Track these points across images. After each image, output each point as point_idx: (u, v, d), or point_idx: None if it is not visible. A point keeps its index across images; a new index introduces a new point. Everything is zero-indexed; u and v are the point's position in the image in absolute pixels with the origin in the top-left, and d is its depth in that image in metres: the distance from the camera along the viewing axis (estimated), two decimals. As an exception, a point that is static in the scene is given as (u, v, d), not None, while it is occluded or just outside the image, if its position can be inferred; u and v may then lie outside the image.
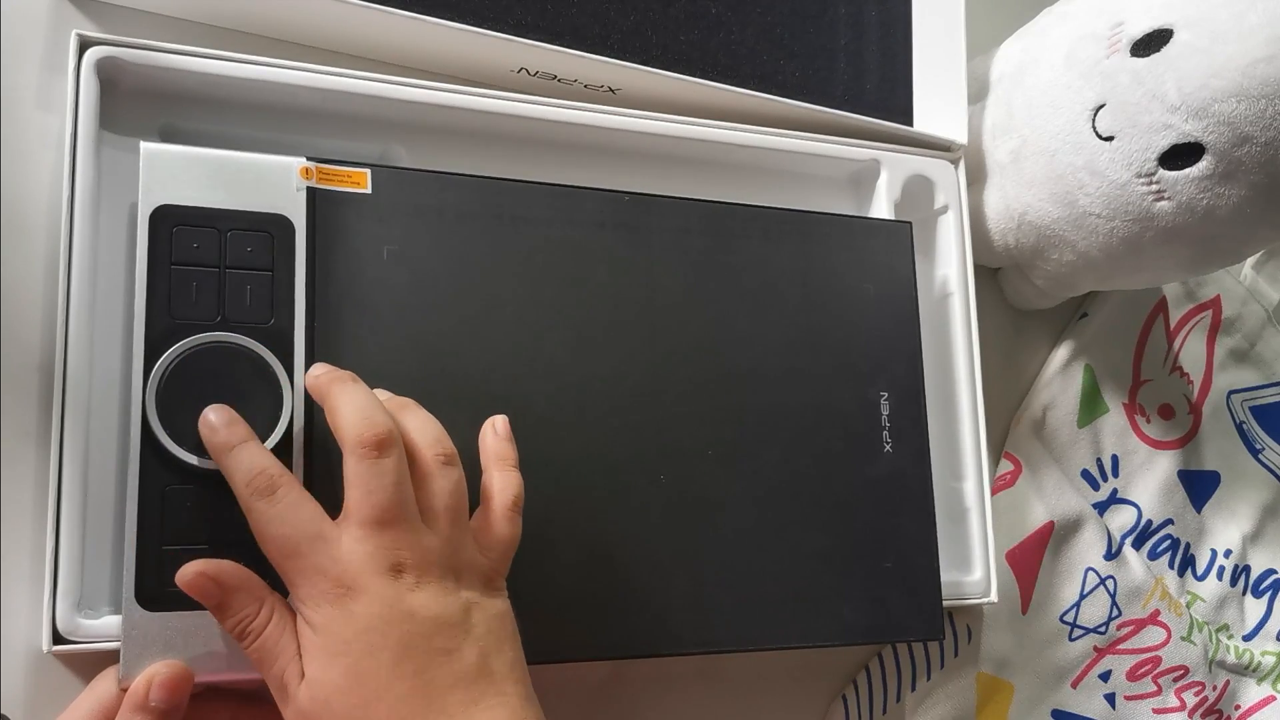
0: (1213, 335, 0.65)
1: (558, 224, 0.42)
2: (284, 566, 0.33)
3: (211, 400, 0.35)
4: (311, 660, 0.32)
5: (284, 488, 0.33)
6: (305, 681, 0.32)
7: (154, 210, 0.36)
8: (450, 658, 0.32)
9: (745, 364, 0.44)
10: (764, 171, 0.50)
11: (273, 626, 0.33)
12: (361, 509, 0.32)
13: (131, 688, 0.33)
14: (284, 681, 0.32)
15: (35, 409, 0.38)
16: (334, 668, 0.31)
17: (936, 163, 0.52)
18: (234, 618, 0.33)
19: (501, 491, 0.36)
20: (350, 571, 0.32)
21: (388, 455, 0.33)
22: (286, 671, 0.32)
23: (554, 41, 0.44)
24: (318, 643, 0.32)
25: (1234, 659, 0.62)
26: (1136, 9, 0.46)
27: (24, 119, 0.39)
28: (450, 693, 0.32)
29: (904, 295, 0.48)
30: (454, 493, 0.34)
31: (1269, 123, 0.42)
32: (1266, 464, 0.66)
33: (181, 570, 0.33)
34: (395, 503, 0.33)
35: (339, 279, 0.38)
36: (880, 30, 0.52)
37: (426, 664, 0.32)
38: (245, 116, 0.41)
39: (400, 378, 0.38)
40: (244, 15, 0.42)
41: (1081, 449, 0.59)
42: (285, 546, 0.32)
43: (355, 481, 0.33)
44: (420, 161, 0.43)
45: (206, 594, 0.33)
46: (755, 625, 0.42)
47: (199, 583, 0.33)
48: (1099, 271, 0.53)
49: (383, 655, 0.31)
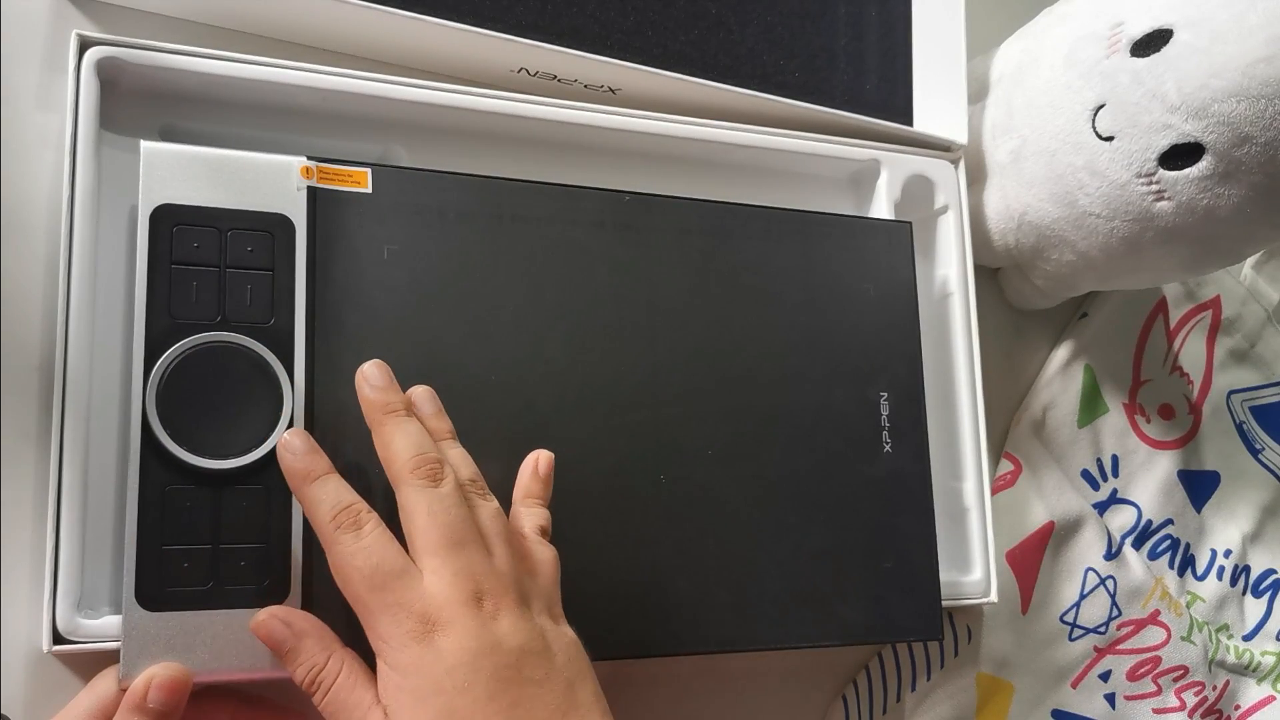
0: (1213, 335, 0.65)
1: (558, 224, 0.42)
2: (367, 602, 0.32)
3: (211, 400, 0.35)
4: (400, 707, 0.31)
5: (370, 523, 0.33)
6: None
7: (154, 209, 0.36)
8: (541, 689, 0.32)
9: (745, 364, 0.44)
10: (764, 171, 0.50)
11: (344, 677, 0.32)
12: (429, 534, 0.32)
13: (130, 688, 0.33)
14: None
15: (35, 409, 0.38)
16: (425, 710, 0.30)
17: (936, 163, 0.52)
18: (304, 665, 0.33)
19: (530, 519, 0.37)
20: (434, 605, 0.31)
21: (444, 483, 0.33)
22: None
23: (554, 41, 0.44)
24: (406, 686, 0.31)
25: (1234, 659, 0.62)
26: (1136, 9, 0.46)
27: (24, 119, 0.39)
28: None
29: (904, 295, 0.48)
30: (498, 518, 0.35)
31: (1269, 123, 0.42)
32: (1266, 464, 0.66)
33: (256, 615, 0.33)
34: (462, 521, 0.33)
35: (339, 279, 0.38)
36: (880, 30, 0.52)
37: (520, 697, 0.31)
38: (245, 116, 0.41)
39: (401, 377, 0.38)
40: (244, 15, 0.42)
41: (1081, 449, 0.59)
42: (371, 581, 0.32)
43: (416, 509, 0.33)
44: (420, 161, 0.43)
45: (278, 638, 0.33)
46: (755, 625, 0.42)
47: (271, 625, 0.33)
48: (1099, 271, 0.53)
49: (477, 690, 0.31)
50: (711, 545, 0.42)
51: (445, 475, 0.34)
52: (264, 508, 0.36)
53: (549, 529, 0.37)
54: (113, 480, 0.37)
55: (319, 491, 0.33)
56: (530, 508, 0.37)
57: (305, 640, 0.33)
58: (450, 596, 0.32)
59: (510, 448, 0.39)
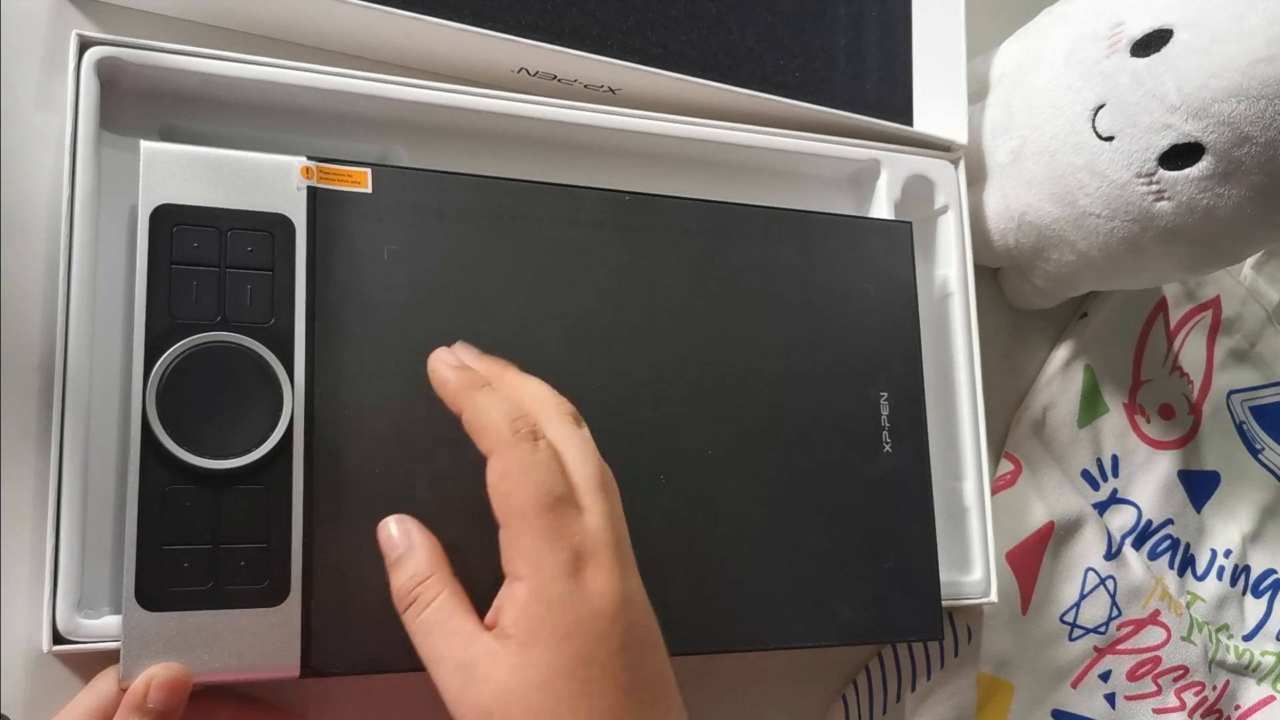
0: (1213, 335, 0.65)
1: (558, 224, 0.42)
2: (531, 521, 0.30)
3: (211, 400, 0.35)
4: (535, 641, 0.29)
5: (544, 440, 0.31)
6: (518, 662, 0.29)
7: (154, 209, 0.36)
8: (656, 651, 0.31)
9: (745, 364, 0.44)
10: (764, 171, 0.50)
11: (446, 597, 0.31)
12: (584, 469, 0.31)
13: (130, 688, 0.33)
14: (467, 659, 0.30)
15: (35, 409, 0.38)
16: (563, 650, 0.29)
17: (936, 163, 0.52)
18: (407, 572, 0.32)
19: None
20: (591, 543, 0.30)
21: (582, 425, 0.33)
22: (471, 648, 0.30)
23: (554, 41, 0.44)
24: (549, 620, 0.29)
25: (1234, 659, 0.62)
26: (1136, 9, 0.46)
27: (24, 119, 0.39)
28: (656, 697, 0.30)
29: (904, 295, 0.48)
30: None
31: (1269, 123, 0.42)
32: (1266, 464, 0.66)
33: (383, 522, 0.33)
34: (602, 465, 0.32)
35: (339, 279, 0.38)
36: (880, 30, 0.52)
37: (641, 657, 0.31)
38: (245, 116, 0.41)
39: (400, 377, 0.38)
40: (244, 15, 0.42)
41: (1081, 449, 0.59)
42: (541, 500, 0.30)
43: (566, 447, 0.32)
44: (420, 161, 0.43)
45: (390, 544, 0.33)
46: (755, 625, 0.42)
47: (386, 530, 0.33)
48: (1099, 271, 0.53)
49: (612, 642, 0.30)
50: (711, 545, 0.42)
51: (582, 422, 0.33)
52: (264, 508, 0.36)
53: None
54: (113, 480, 0.37)
55: (491, 398, 0.32)
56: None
57: (416, 552, 0.32)
58: (604, 539, 0.31)
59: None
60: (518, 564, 0.31)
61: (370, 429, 0.37)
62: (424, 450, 0.38)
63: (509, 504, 0.31)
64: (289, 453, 0.36)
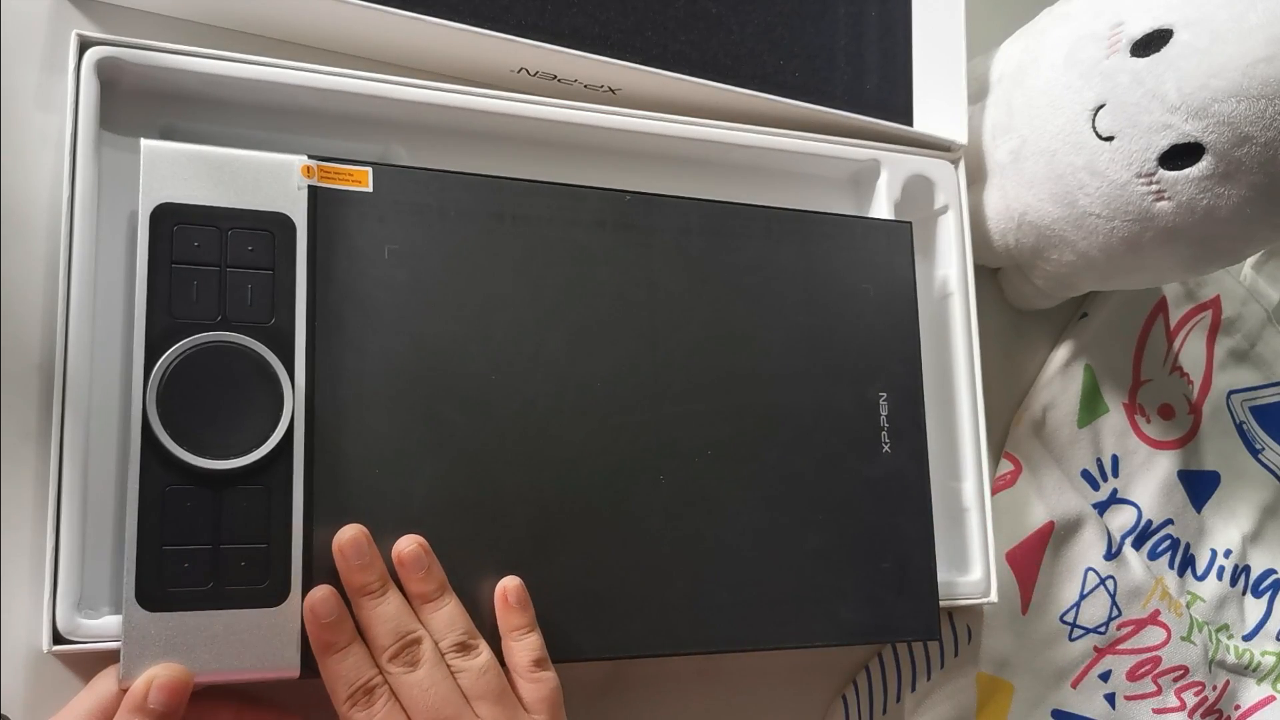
0: (1213, 335, 0.65)
1: (558, 223, 0.42)
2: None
3: (212, 400, 0.35)
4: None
5: (381, 700, 0.35)
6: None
7: (155, 208, 0.36)
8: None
9: (745, 364, 0.44)
10: (764, 171, 0.50)
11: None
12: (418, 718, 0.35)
13: (131, 689, 0.33)
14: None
15: (35, 409, 0.38)
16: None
17: (936, 163, 0.52)
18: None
19: (522, 654, 0.37)
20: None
21: (421, 665, 0.36)
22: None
23: (554, 41, 0.44)
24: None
25: (1234, 659, 0.62)
26: (1136, 9, 0.46)
27: (24, 119, 0.39)
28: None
29: (904, 295, 0.48)
30: (485, 674, 0.37)
31: (1269, 123, 0.42)
32: (1266, 464, 0.66)
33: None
34: (443, 698, 0.35)
35: (340, 278, 0.38)
36: (880, 30, 0.52)
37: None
38: (246, 116, 0.41)
39: (400, 377, 0.38)
40: (244, 15, 0.42)
41: (1081, 449, 0.59)
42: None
43: (401, 694, 0.35)
44: (420, 161, 0.43)
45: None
46: (755, 625, 0.42)
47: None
48: (1099, 271, 0.53)
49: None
50: (711, 545, 0.42)
51: (422, 656, 0.36)
52: (264, 508, 0.35)
53: (543, 655, 0.38)
54: (113, 480, 0.37)
55: (339, 666, 0.35)
56: (519, 639, 0.38)
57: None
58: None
59: (510, 448, 0.39)
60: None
61: (370, 429, 0.37)
62: (424, 450, 0.38)
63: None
64: (289, 453, 0.36)
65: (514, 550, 0.39)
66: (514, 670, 0.38)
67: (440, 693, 0.35)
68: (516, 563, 0.39)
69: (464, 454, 0.39)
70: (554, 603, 0.39)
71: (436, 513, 0.38)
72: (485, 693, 0.36)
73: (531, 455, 0.40)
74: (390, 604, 0.36)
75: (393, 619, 0.36)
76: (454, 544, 0.38)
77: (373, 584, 0.36)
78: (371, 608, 0.36)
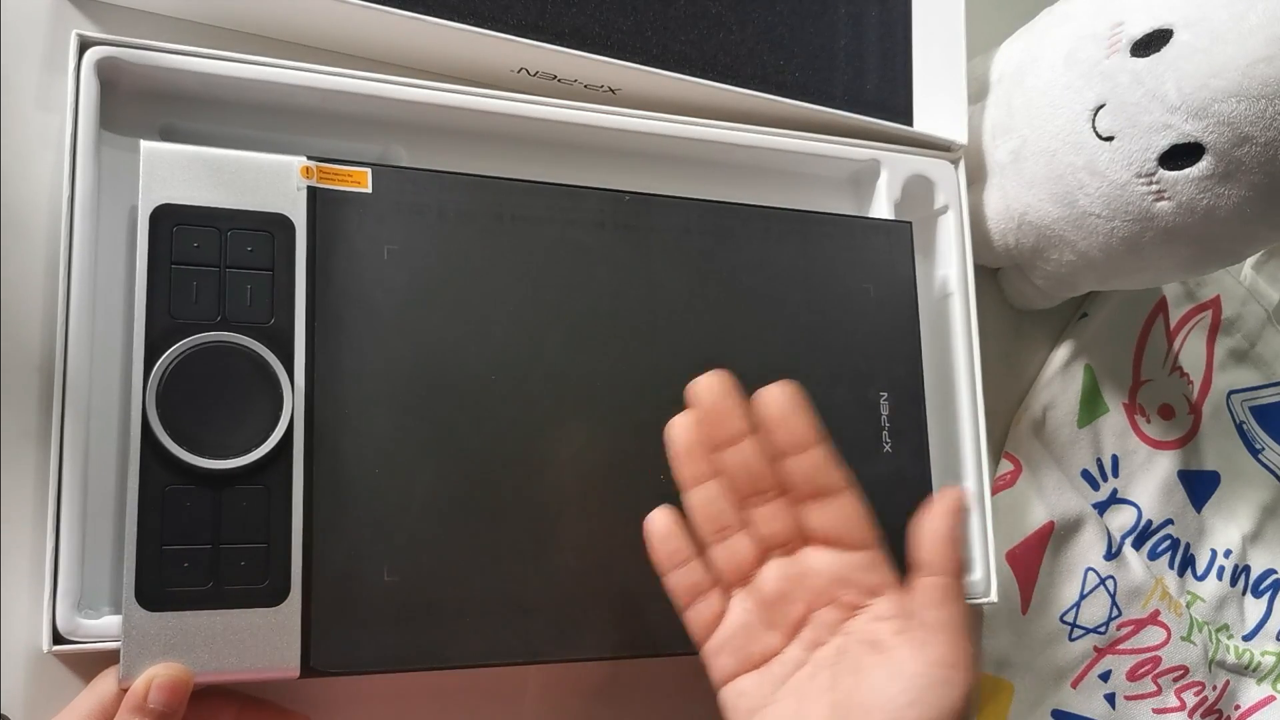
0: (1213, 335, 0.65)
1: (558, 224, 0.42)
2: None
3: (211, 400, 0.35)
4: None
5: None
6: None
7: (154, 209, 0.36)
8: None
9: (745, 364, 0.44)
10: (764, 171, 0.50)
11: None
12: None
13: (131, 689, 0.33)
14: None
15: (35, 409, 0.38)
16: None
17: (936, 163, 0.52)
18: None
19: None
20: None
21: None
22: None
23: (554, 41, 0.44)
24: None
25: (1234, 659, 0.62)
26: (1136, 9, 0.46)
27: (24, 119, 0.39)
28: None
29: (904, 295, 0.48)
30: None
31: (1269, 123, 0.42)
32: (1266, 464, 0.66)
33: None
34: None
35: (339, 279, 0.38)
36: (880, 30, 0.52)
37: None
38: (245, 116, 0.41)
39: (400, 377, 0.38)
40: (244, 15, 0.42)
41: (1081, 449, 0.59)
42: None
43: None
44: (420, 161, 0.43)
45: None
46: (755, 625, 0.42)
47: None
48: (1099, 271, 0.53)
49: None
50: (711, 545, 0.42)
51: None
52: (264, 508, 0.36)
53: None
54: (113, 480, 0.37)
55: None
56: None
57: None
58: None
59: (510, 448, 0.39)
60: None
61: (370, 429, 0.37)
62: (424, 450, 0.38)
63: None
64: (289, 453, 0.36)
65: (514, 550, 0.39)
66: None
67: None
68: (516, 562, 0.39)
69: (464, 454, 0.39)
70: (554, 602, 0.39)
71: (436, 512, 0.38)
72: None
73: (531, 455, 0.40)
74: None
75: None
76: (454, 544, 0.38)
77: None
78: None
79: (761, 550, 0.37)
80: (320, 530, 0.36)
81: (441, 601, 0.37)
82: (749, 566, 0.37)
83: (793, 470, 0.36)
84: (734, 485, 0.36)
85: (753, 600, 0.36)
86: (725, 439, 0.36)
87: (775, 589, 0.36)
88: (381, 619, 0.36)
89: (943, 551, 0.35)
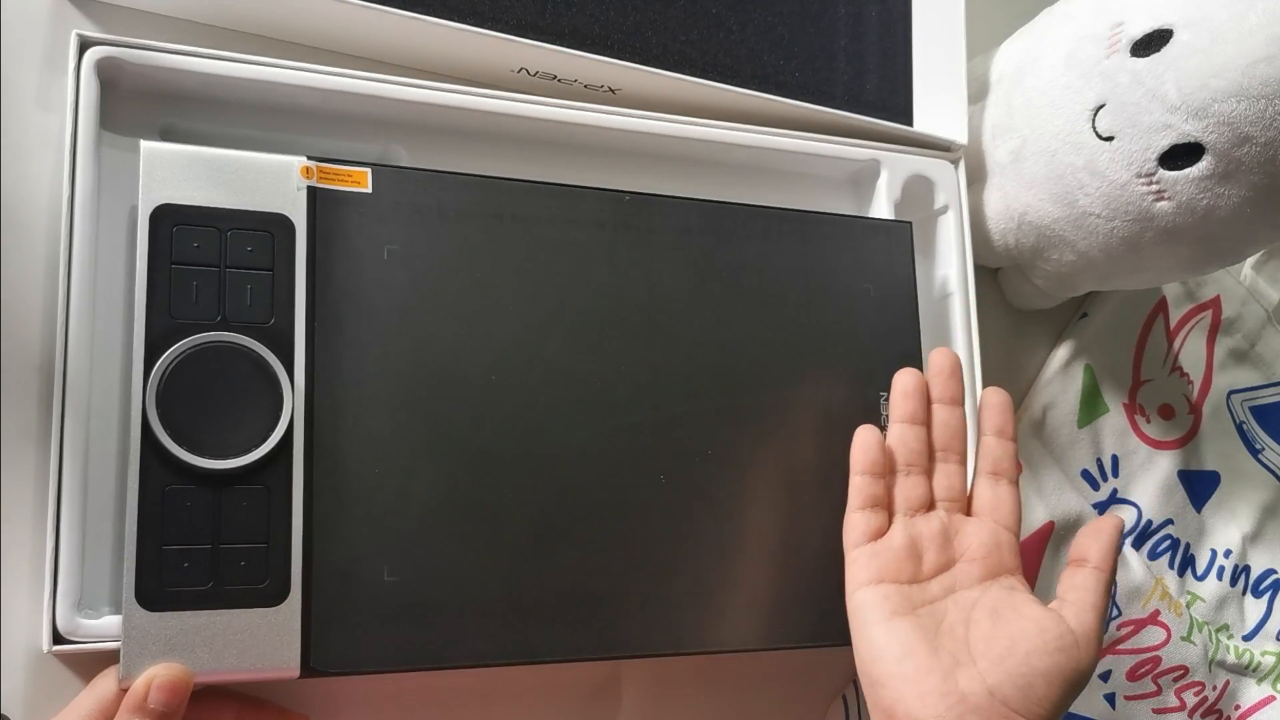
0: (1213, 335, 0.65)
1: (558, 224, 0.42)
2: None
3: (212, 400, 0.35)
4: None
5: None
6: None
7: (154, 209, 0.36)
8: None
9: (745, 364, 0.44)
10: (764, 171, 0.50)
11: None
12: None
13: (131, 689, 0.33)
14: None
15: (35, 409, 0.38)
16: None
17: (936, 163, 0.52)
18: None
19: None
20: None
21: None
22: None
23: (554, 41, 0.44)
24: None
25: (1234, 659, 0.62)
26: (1136, 9, 0.46)
27: (24, 119, 0.39)
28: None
29: (904, 295, 0.48)
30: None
31: (1269, 123, 0.42)
32: (1266, 464, 0.66)
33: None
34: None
35: (339, 279, 0.38)
36: (880, 30, 0.52)
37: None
38: (245, 116, 0.41)
39: (400, 377, 0.38)
40: (244, 15, 0.42)
41: (1081, 449, 0.59)
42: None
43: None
44: (420, 161, 0.43)
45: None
46: (755, 625, 0.42)
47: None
48: (1099, 271, 0.53)
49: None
50: (711, 545, 0.42)
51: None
52: (264, 508, 0.36)
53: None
54: (113, 480, 0.37)
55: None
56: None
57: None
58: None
59: (509, 448, 0.39)
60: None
61: (370, 429, 0.37)
62: (424, 450, 0.38)
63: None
64: (289, 453, 0.36)
65: (514, 550, 0.39)
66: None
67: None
68: (516, 562, 0.39)
69: (464, 454, 0.39)
70: (554, 602, 0.39)
71: (436, 512, 0.38)
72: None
73: (531, 455, 0.40)
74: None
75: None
76: (454, 544, 0.38)
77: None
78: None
79: (933, 499, 0.43)
80: (320, 530, 0.36)
81: (441, 601, 0.37)
82: (919, 506, 0.43)
83: (986, 447, 0.44)
84: (935, 437, 0.44)
85: (913, 531, 0.42)
86: (942, 397, 0.44)
87: (936, 529, 0.42)
88: (381, 619, 0.36)
89: (1108, 551, 0.42)
